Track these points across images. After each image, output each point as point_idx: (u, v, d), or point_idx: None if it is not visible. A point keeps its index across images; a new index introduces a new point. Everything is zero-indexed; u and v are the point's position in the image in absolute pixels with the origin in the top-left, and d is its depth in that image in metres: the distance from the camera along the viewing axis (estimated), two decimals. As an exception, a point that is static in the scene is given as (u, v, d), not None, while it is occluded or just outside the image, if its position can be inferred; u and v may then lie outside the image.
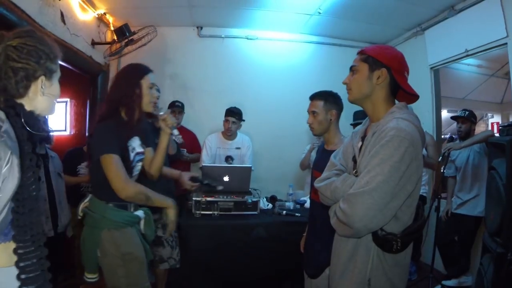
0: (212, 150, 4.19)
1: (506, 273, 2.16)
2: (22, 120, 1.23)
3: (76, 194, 3.46)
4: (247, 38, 5.29)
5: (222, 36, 5.23)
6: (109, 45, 4.37)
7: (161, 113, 2.26)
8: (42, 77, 1.31)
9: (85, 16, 4.12)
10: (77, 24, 3.94)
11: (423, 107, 4.44)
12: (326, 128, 2.39)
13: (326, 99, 2.39)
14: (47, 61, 1.31)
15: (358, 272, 1.50)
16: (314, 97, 2.45)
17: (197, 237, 3.18)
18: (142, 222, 2.18)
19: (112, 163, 1.92)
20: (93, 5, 4.23)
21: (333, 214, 1.52)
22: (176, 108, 4.24)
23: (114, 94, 2.11)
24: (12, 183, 1.13)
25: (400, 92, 1.63)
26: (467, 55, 4.03)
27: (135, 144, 2.16)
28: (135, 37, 4.22)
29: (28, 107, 1.28)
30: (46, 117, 1.40)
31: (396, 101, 1.64)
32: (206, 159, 4.11)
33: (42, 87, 1.31)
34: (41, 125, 1.32)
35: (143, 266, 2.06)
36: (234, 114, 4.15)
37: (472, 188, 3.75)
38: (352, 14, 4.53)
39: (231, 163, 4.05)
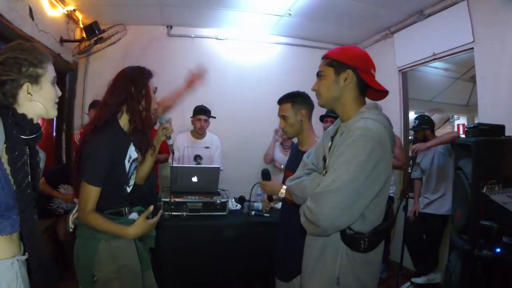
0: (180, 150, 4.13)
1: (473, 269, 2.20)
2: (13, 121, 1.34)
3: (42, 207, 3.35)
4: (217, 38, 5.25)
5: (192, 36, 5.18)
6: (78, 43, 4.24)
7: (164, 121, 2.20)
8: (28, 84, 1.37)
9: (54, 12, 3.96)
10: (45, 20, 3.79)
11: (391, 109, 4.48)
12: (299, 129, 2.38)
13: (294, 100, 2.38)
14: (29, 68, 1.37)
15: (327, 271, 1.50)
16: (281, 100, 2.44)
17: (166, 238, 3.12)
18: None
19: (89, 193, 1.81)
20: (62, 2, 4.08)
21: (302, 213, 1.51)
22: None
23: (116, 97, 1.94)
24: None
25: (370, 90, 1.63)
26: (435, 59, 4.14)
27: (131, 150, 2.01)
28: (104, 35, 4.11)
29: (20, 111, 1.37)
30: (38, 121, 1.47)
31: (369, 100, 1.64)
32: (172, 160, 4.04)
33: (29, 93, 1.38)
34: (31, 127, 1.41)
35: (138, 279, 1.96)
36: (205, 112, 4.10)
37: (438, 189, 3.84)
38: (322, 16, 4.56)
39: (199, 162, 4.01)
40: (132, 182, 2.07)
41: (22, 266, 1.38)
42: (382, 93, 1.62)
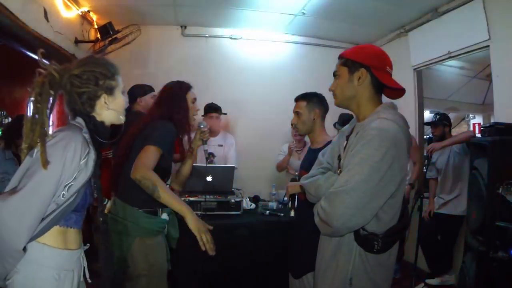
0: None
1: (487, 270, 2.18)
2: (93, 128, 1.50)
3: None
4: (231, 38, 5.26)
5: (206, 35, 5.20)
6: (92, 44, 4.31)
7: (202, 125, 2.42)
8: (104, 95, 1.53)
9: (69, 13, 4.03)
10: (60, 21, 3.85)
11: (405, 108, 4.43)
12: (310, 128, 2.43)
13: (310, 99, 2.44)
14: (106, 81, 1.52)
15: (340, 271, 1.49)
16: (298, 98, 2.51)
17: (180, 237, 3.14)
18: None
19: (153, 154, 1.93)
20: (77, 3, 4.15)
21: (316, 212, 1.51)
22: None
23: (159, 111, 2.21)
24: (85, 175, 1.41)
25: (386, 88, 1.62)
26: (450, 57, 4.08)
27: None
28: (119, 35, 4.16)
29: (98, 119, 1.54)
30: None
31: (385, 99, 1.63)
32: None
33: (105, 103, 1.53)
34: (107, 133, 1.58)
35: (164, 277, 2.09)
36: (216, 110, 4.13)
37: (453, 189, 3.80)
38: (336, 15, 4.54)
39: (212, 161, 4.02)
40: (169, 182, 2.24)
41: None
42: (398, 91, 1.61)
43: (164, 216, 2.15)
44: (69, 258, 1.45)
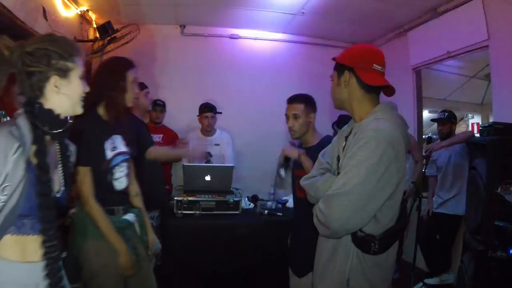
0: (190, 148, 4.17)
1: (486, 270, 2.19)
2: (37, 116, 1.31)
3: None
4: (230, 37, 5.24)
5: (205, 34, 5.18)
6: (91, 43, 4.27)
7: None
8: (55, 77, 1.34)
9: (68, 12, 4.00)
10: (59, 20, 3.82)
11: (404, 107, 4.43)
12: (305, 131, 2.42)
13: (307, 102, 2.42)
14: (59, 61, 1.34)
15: (337, 272, 1.49)
16: (294, 100, 2.45)
17: (179, 237, 3.16)
18: (136, 226, 2.13)
19: (84, 176, 1.88)
20: (76, 2, 4.13)
21: (314, 213, 1.51)
22: (157, 107, 4.19)
23: (94, 87, 1.94)
24: (18, 174, 1.22)
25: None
26: (449, 57, 4.08)
27: (118, 143, 2.05)
28: (118, 34, 4.14)
29: (47, 106, 1.34)
30: (68, 117, 1.44)
31: (388, 98, 1.62)
32: (184, 159, 4.09)
33: (56, 86, 1.35)
34: (58, 122, 1.37)
35: (120, 279, 1.98)
36: (211, 109, 4.15)
37: (453, 188, 3.80)
38: (335, 15, 4.53)
39: (209, 160, 4.03)
40: (119, 176, 2.06)
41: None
42: (387, 88, 1.59)
43: (129, 217, 2.08)
44: (30, 272, 1.28)
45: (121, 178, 2.07)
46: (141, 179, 2.36)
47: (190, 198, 3.25)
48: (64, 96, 1.37)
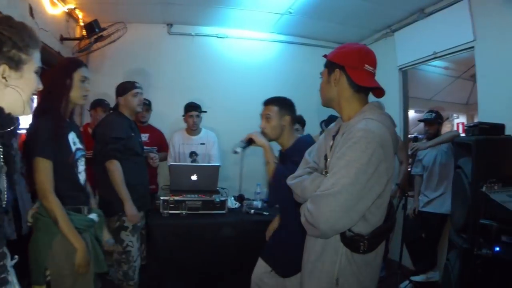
0: (176, 148, 4.14)
1: (472, 267, 2.21)
2: None
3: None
4: (217, 37, 5.22)
5: (193, 34, 5.15)
6: (78, 41, 4.22)
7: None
8: (4, 66, 1.17)
9: (55, 10, 3.94)
10: (46, 18, 3.77)
11: (390, 107, 4.45)
12: (279, 134, 2.40)
13: (281, 105, 2.40)
14: (12, 49, 1.19)
15: (326, 271, 1.49)
16: (269, 102, 2.45)
17: (166, 237, 3.13)
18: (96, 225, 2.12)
19: (44, 169, 1.86)
20: (63, 0, 4.08)
21: (302, 213, 1.50)
22: (144, 105, 4.16)
23: (48, 86, 1.94)
24: None
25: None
26: (435, 57, 4.12)
27: (75, 138, 2.09)
28: (104, 33, 4.10)
29: None
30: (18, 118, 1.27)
31: (375, 98, 1.63)
32: (170, 158, 4.11)
33: (4, 77, 1.17)
34: (4, 119, 1.20)
35: (91, 278, 1.98)
36: (196, 108, 4.14)
37: (438, 187, 3.84)
38: (322, 14, 4.55)
39: (195, 159, 4.01)
40: (81, 168, 2.09)
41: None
42: (378, 89, 1.59)
43: (93, 216, 2.09)
44: None
45: (82, 173, 2.10)
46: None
47: (176, 198, 3.23)
48: (13, 90, 1.20)
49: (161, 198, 3.23)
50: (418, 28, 4.25)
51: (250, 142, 2.41)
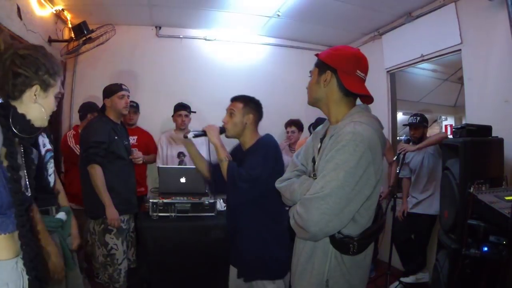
0: (164, 150, 4.12)
1: (460, 267, 2.22)
2: (10, 120, 1.35)
3: None
4: (206, 39, 5.23)
5: (181, 36, 5.15)
6: (66, 43, 4.19)
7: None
8: (37, 86, 1.42)
9: (43, 12, 3.91)
10: (34, 20, 3.73)
11: (378, 109, 4.49)
12: (240, 132, 2.39)
13: (246, 103, 2.40)
14: (45, 74, 1.43)
15: (316, 273, 1.48)
16: (235, 99, 2.45)
17: (155, 239, 3.11)
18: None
19: None
20: (51, 1, 4.03)
21: (292, 216, 1.49)
22: (131, 108, 4.12)
23: None
24: None
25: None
26: (423, 60, 4.17)
27: (45, 140, 2.08)
28: (93, 35, 4.06)
29: (20, 110, 1.40)
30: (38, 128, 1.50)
31: (360, 102, 1.62)
32: (158, 159, 4.11)
33: (35, 95, 1.42)
34: (28, 128, 1.43)
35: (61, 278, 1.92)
36: (185, 108, 4.13)
37: (427, 188, 3.87)
38: (311, 18, 4.57)
39: (183, 160, 3.99)
40: (51, 171, 2.10)
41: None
42: (366, 97, 1.59)
43: (60, 215, 2.07)
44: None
45: (51, 175, 2.11)
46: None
47: (165, 200, 3.21)
48: (39, 106, 1.45)
49: (151, 200, 3.20)
50: (406, 31, 4.29)
51: (204, 133, 2.42)
